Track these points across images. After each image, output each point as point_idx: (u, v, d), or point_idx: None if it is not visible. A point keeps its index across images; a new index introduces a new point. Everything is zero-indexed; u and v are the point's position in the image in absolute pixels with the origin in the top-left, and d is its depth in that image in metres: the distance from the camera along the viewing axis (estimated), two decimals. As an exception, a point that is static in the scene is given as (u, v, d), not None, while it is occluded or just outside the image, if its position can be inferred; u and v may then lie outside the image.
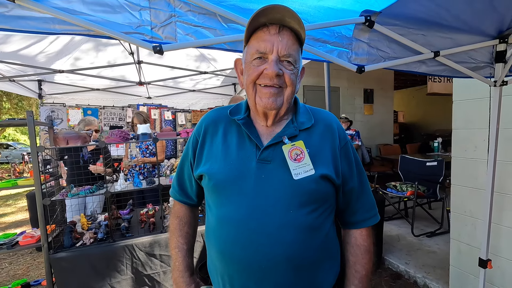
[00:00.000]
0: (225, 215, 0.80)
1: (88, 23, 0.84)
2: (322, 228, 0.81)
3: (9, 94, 11.71)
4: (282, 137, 0.81)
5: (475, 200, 2.12)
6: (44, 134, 4.38)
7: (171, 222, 1.02)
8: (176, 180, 1.01)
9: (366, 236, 0.90)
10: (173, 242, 0.98)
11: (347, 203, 0.88)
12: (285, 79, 0.77)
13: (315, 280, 0.81)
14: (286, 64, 0.77)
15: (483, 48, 1.42)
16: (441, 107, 9.06)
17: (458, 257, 2.28)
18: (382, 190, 3.93)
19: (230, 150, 0.83)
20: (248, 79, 0.80)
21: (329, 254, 0.85)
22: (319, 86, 6.30)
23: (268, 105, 0.78)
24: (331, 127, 0.86)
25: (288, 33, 0.76)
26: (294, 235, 0.76)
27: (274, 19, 0.74)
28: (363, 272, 0.88)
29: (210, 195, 0.86)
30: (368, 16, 1.09)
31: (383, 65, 1.19)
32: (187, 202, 1.01)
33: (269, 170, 0.79)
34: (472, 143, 2.12)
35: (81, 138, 2.40)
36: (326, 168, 0.80)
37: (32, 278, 2.94)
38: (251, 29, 0.77)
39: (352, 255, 0.89)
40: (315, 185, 0.77)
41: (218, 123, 0.89)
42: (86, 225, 2.18)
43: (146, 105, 4.85)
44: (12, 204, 6.55)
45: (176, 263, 0.96)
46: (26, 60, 3.07)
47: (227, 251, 0.79)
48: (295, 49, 0.78)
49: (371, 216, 0.91)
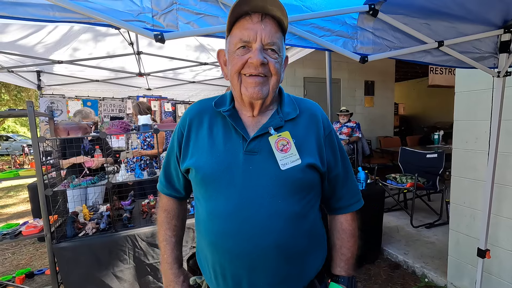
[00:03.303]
0: (215, 208, 0.80)
1: (88, 10, 0.83)
2: (309, 215, 0.83)
3: (8, 86, 11.62)
4: (268, 128, 0.81)
5: (475, 192, 2.13)
6: (44, 125, 4.38)
7: (158, 215, 1.01)
8: (163, 174, 0.99)
9: (351, 221, 0.94)
10: (161, 235, 0.98)
11: (333, 190, 0.91)
12: (270, 68, 0.77)
13: (304, 265, 0.83)
14: (270, 52, 0.77)
15: (488, 38, 1.40)
16: (442, 100, 9.03)
17: (456, 247, 2.31)
18: (381, 182, 3.95)
19: (216, 143, 0.83)
20: (232, 69, 0.79)
21: (317, 240, 0.88)
22: (319, 78, 6.26)
23: (254, 95, 0.78)
24: (316, 117, 0.87)
25: (271, 21, 0.76)
26: (283, 223, 0.77)
27: (256, 7, 0.73)
28: (348, 255, 0.92)
29: (198, 188, 0.86)
30: (372, 5, 1.07)
31: (388, 55, 1.18)
32: (175, 196, 0.99)
33: (256, 161, 0.79)
34: (473, 135, 2.12)
35: (82, 129, 2.40)
36: (312, 157, 0.81)
37: (35, 268, 2.98)
38: (233, 18, 0.76)
39: (338, 239, 0.93)
40: (302, 174, 0.79)
41: (203, 116, 0.88)
42: (88, 215, 2.20)
43: (146, 96, 4.83)
44: (14, 195, 6.59)
45: (164, 255, 0.96)
46: (25, 51, 3.04)
47: (219, 242, 0.80)
48: (279, 37, 0.78)
49: (355, 201, 0.94)
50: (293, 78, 6.16)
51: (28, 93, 12.34)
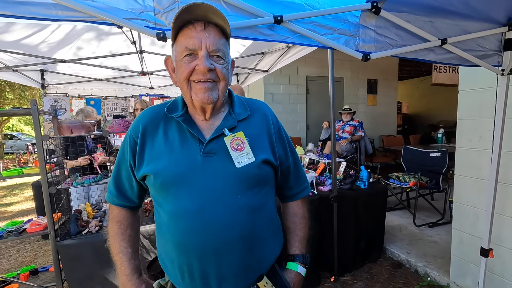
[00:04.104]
0: (179, 209, 0.81)
1: (90, 9, 0.83)
2: (266, 206, 0.90)
3: (12, 85, 11.69)
4: (223, 129, 0.85)
5: (478, 191, 2.12)
6: (48, 124, 4.41)
7: (110, 228, 0.96)
8: (112, 184, 0.96)
9: (301, 205, 1.04)
10: (116, 248, 0.94)
11: (285, 181, 0.99)
12: (217, 73, 0.81)
13: (264, 252, 0.89)
14: (216, 58, 0.80)
15: (492, 36, 1.39)
16: (445, 98, 8.96)
17: (459, 246, 2.30)
18: (384, 181, 3.94)
19: (173, 147, 0.84)
20: (181, 77, 0.82)
21: (274, 228, 0.95)
22: (321, 77, 6.23)
23: (204, 100, 0.81)
24: (265, 115, 0.94)
25: (214, 29, 0.79)
26: (246, 216, 0.82)
27: (198, 16, 0.76)
28: (301, 235, 1.02)
29: (158, 193, 0.85)
30: (374, 2, 1.07)
31: (390, 53, 1.17)
32: (127, 205, 0.97)
33: (214, 161, 0.83)
34: (477, 133, 2.11)
35: (85, 127, 2.41)
36: (266, 153, 0.88)
37: (39, 265, 3.01)
38: (176, 26, 0.78)
39: (291, 223, 1.02)
40: (257, 170, 0.84)
41: (157, 122, 0.88)
42: (91, 213, 2.21)
43: (149, 95, 4.84)
44: (18, 193, 6.65)
45: (121, 267, 0.92)
46: (28, 50, 3.06)
47: (184, 242, 0.81)
48: (223, 43, 0.81)
49: (304, 188, 1.04)
50: (295, 77, 6.14)
51: (32, 92, 12.42)
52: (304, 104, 6.29)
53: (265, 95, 5.96)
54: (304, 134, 6.33)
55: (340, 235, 2.58)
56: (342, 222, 2.59)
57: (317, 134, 5.89)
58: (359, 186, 2.87)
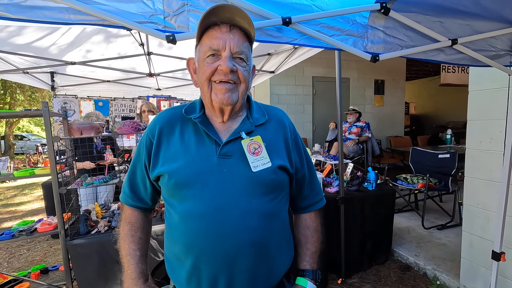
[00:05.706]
0: (191, 210, 0.80)
1: (102, 13, 0.85)
2: (280, 214, 0.88)
3: (23, 86, 11.93)
4: (240, 132, 0.84)
5: (489, 193, 2.08)
6: (58, 125, 4.48)
7: (121, 228, 0.96)
8: (127, 184, 0.97)
9: (314, 218, 1.00)
10: (125, 249, 0.93)
11: (299, 190, 0.97)
12: (238, 75, 0.81)
13: (274, 263, 0.86)
14: (238, 60, 0.81)
15: (504, 35, 1.36)
16: (454, 99, 8.84)
17: (469, 249, 2.26)
18: (392, 182, 3.90)
19: (189, 148, 0.84)
20: (202, 77, 0.82)
21: (286, 238, 0.92)
22: (328, 77, 6.21)
23: (224, 101, 0.81)
24: (283, 122, 0.93)
25: (238, 32, 0.80)
26: (258, 222, 0.81)
27: (224, 18, 0.77)
28: (313, 249, 0.97)
29: (171, 194, 0.85)
30: (383, 3, 1.06)
31: (399, 53, 1.16)
32: (140, 206, 0.97)
33: (230, 164, 0.82)
34: (488, 135, 2.07)
35: (94, 128, 2.45)
36: (282, 159, 0.87)
37: (49, 264, 3.06)
38: (202, 28, 0.79)
39: (303, 236, 0.99)
40: (273, 175, 0.84)
41: (173, 123, 0.89)
42: (100, 213, 2.24)
43: (156, 96, 4.89)
44: (28, 193, 6.77)
45: (128, 271, 0.91)
46: (39, 52, 3.12)
47: (195, 244, 0.80)
48: (246, 46, 0.82)
49: (319, 200, 1.01)
50: (302, 78, 6.13)
51: (42, 94, 12.65)
52: (311, 105, 6.27)
53: (271, 96, 5.96)
54: (310, 135, 6.31)
55: (347, 237, 2.57)
56: (349, 224, 2.57)
57: (323, 135, 5.87)
58: (366, 188, 2.84)
